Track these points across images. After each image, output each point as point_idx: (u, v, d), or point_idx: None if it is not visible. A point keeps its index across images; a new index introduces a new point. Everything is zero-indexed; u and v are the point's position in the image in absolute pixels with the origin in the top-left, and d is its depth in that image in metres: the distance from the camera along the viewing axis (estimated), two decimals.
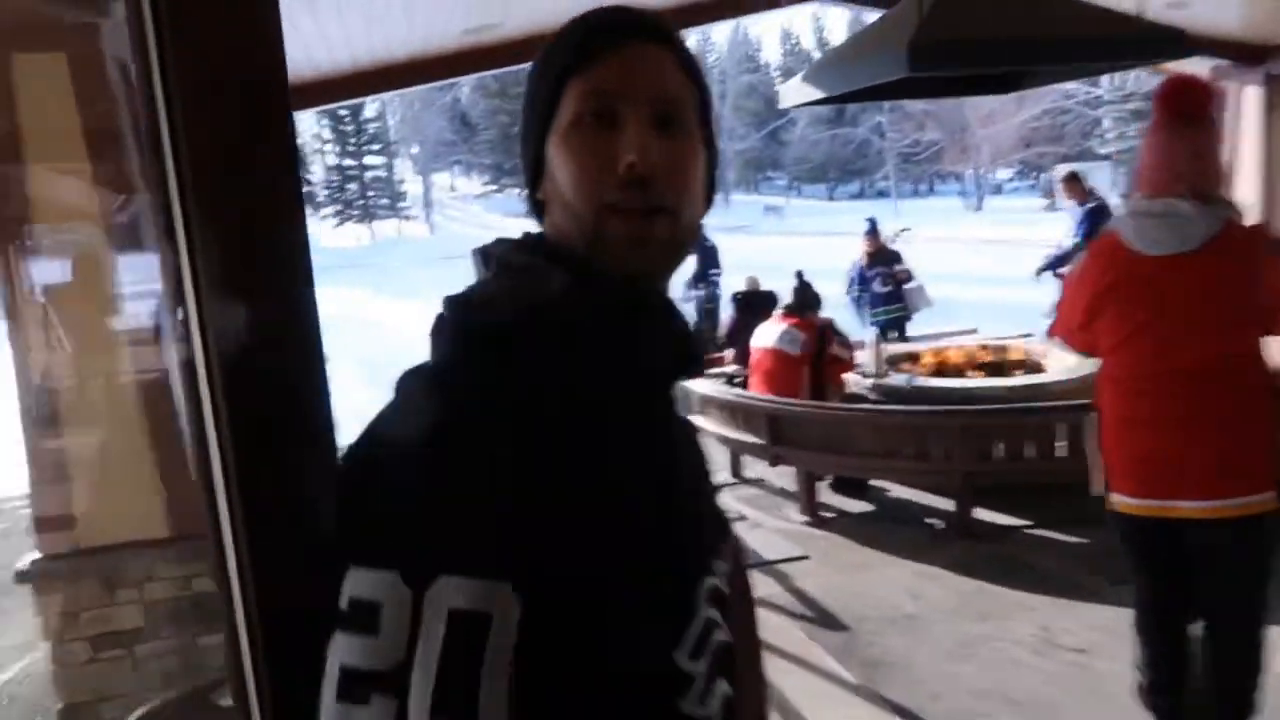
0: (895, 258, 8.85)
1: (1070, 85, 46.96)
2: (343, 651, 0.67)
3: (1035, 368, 6.13)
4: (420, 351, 0.84)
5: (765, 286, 8.11)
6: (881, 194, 60.19)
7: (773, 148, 62.45)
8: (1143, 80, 35.72)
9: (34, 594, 3.13)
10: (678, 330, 0.85)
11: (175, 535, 3.20)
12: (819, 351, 5.52)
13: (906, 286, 8.77)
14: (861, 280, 8.89)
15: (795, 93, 6.00)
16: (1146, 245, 2.36)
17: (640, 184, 0.79)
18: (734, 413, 5.61)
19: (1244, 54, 9.04)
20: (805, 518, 5.41)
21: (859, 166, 60.81)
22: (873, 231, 8.97)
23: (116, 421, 3.19)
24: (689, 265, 11.05)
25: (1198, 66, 9.90)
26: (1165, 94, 2.45)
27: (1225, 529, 2.35)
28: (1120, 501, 2.50)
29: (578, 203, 0.81)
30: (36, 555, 3.14)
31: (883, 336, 8.25)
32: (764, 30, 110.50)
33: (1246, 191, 9.38)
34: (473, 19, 6.19)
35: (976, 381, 5.72)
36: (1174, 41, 4.55)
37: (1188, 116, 2.39)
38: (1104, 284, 2.46)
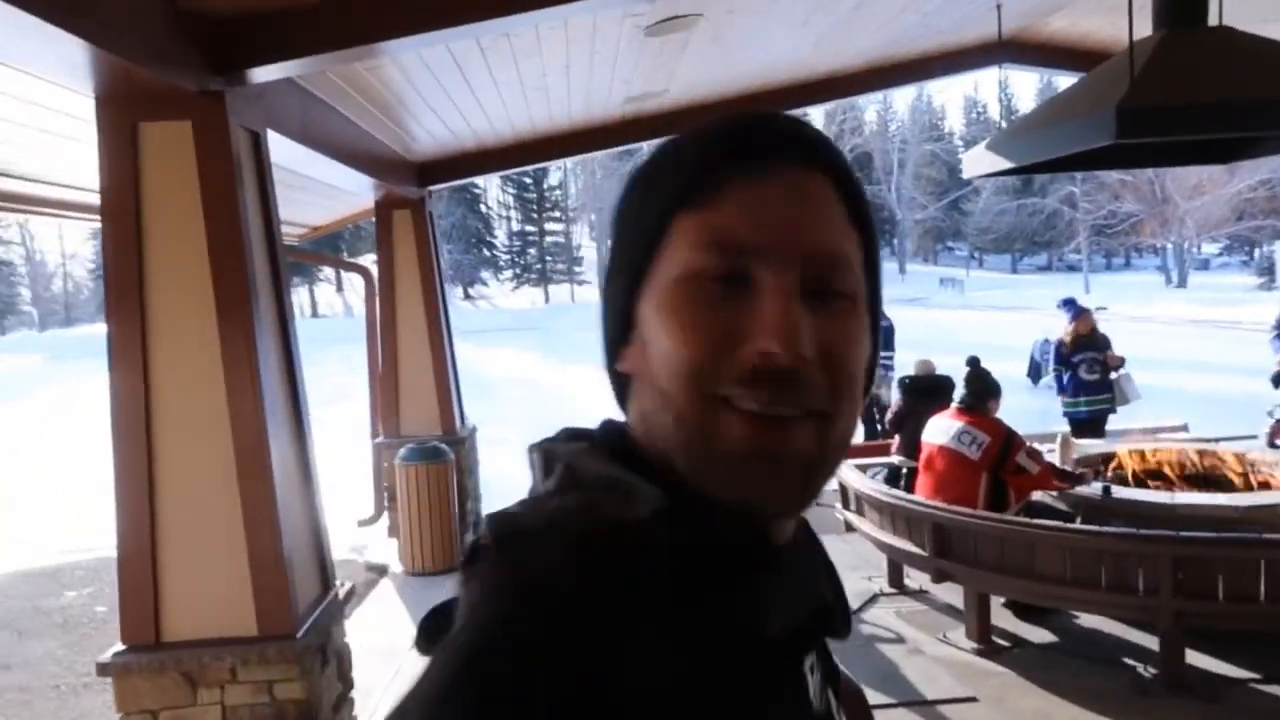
0: (1106, 342, 8.02)
1: None
2: None
3: (1264, 483, 5.19)
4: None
5: (940, 369, 7.42)
6: (1071, 268, 56.95)
7: (953, 217, 60.38)
8: None
9: (115, 688, 2.94)
10: (817, 584, 0.64)
11: (261, 635, 2.96)
12: (1002, 458, 4.82)
13: (1115, 375, 7.91)
14: (1061, 362, 8.11)
15: (981, 161, 5.50)
16: None
17: (779, 380, 0.56)
18: (895, 516, 4.99)
19: None
20: (974, 644, 4.69)
21: (1047, 238, 57.87)
22: (1081, 312, 8.20)
23: (215, 508, 3.00)
24: None
25: None
26: None
27: None
28: None
29: (678, 393, 0.58)
30: (120, 647, 2.96)
31: (1082, 431, 7.42)
32: (948, 98, 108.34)
33: None
34: (635, 87, 5.98)
35: (1191, 497, 4.86)
36: None
37: None
38: None
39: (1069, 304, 8.46)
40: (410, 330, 7.06)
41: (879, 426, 9.61)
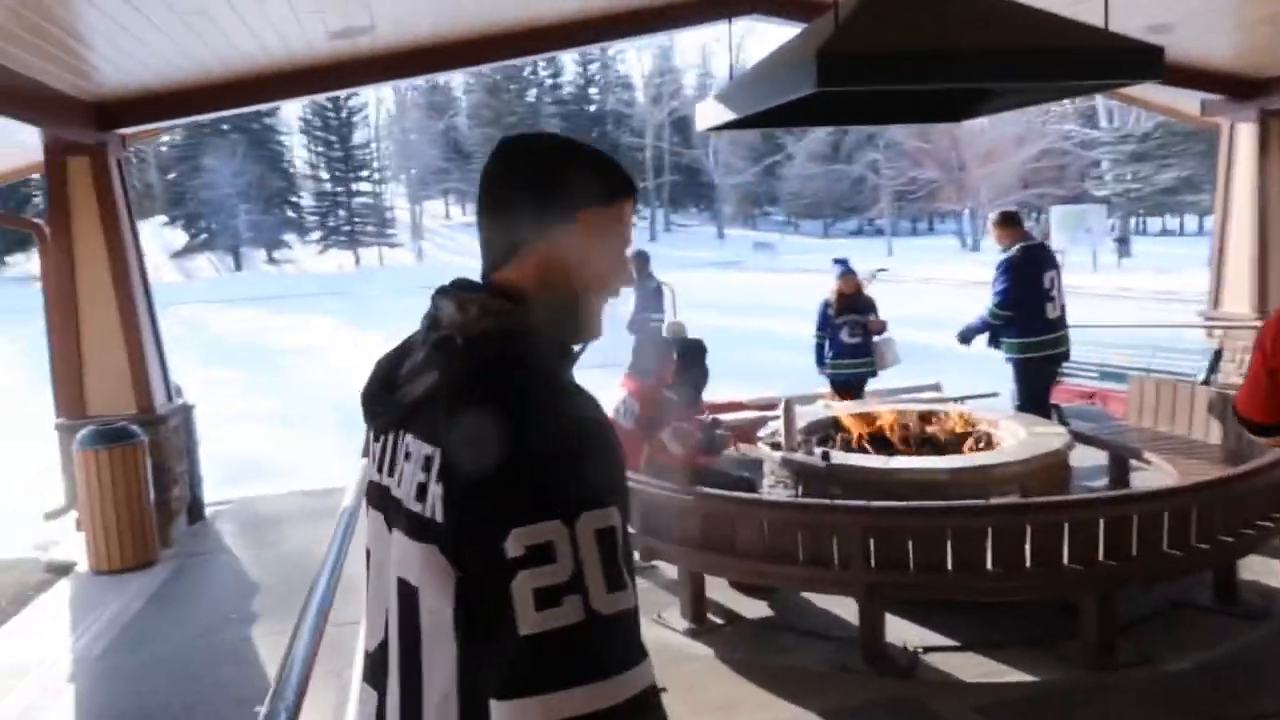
0: (869, 305, 7.82)
1: (1068, 126, 46.44)
2: (530, 581, 0.92)
3: (985, 440, 5.17)
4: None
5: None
6: (879, 232, 59.56)
7: (769, 183, 61.82)
8: (1143, 121, 35.11)
9: None
10: None
11: None
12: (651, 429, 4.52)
13: (877, 339, 7.73)
14: (825, 327, 7.86)
15: (711, 113, 5.20)
16: None
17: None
18: None
19: (1236, 88, 8.16)
20: (688, 624, 4.41)
21: (855, 204, 60.18)
22: (847, 272, 7.90)
23: None
24: (628, 307, 10.13)
25: (1186, 101, 9.03)
26: None
27: None
28: None
29: (611, 278, 1.19)
30: None
31: (842, 393, 7.35)
32: None
33: (1239, 235, 8.48)
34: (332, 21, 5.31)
35: (904, 461, 4.75)
36: (1146, 60, 3.70)
37: None
38: None
39: (841, 264, 8.21)
40: (94, 297, 6.15)
41: None
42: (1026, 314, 5.98)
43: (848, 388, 7.52)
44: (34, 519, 6.70)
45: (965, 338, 6.34)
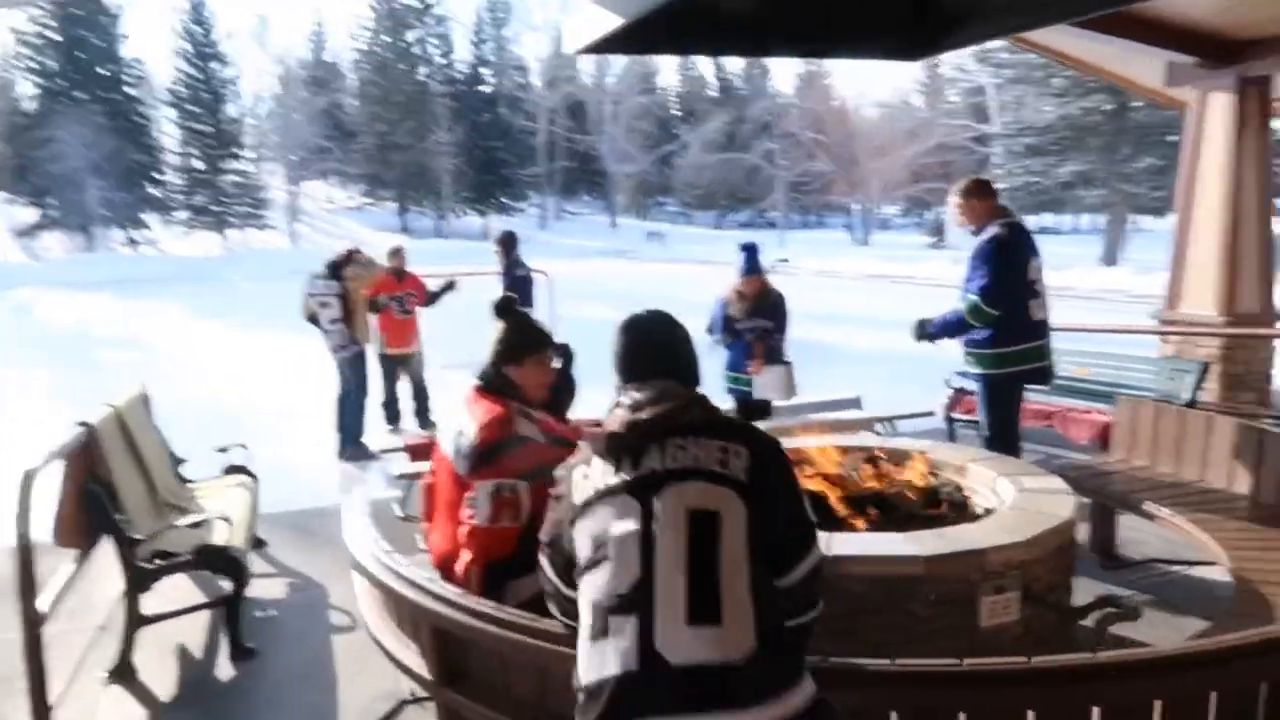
0: (777, 310, 6.28)
1: (962, 121, 46.56)
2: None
3: (957, 500, 3.67)
4: None
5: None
6: (771, 224, 59.05)
7: (664, 172, 60.48)
8: (1041, 114, 35.04)
9: None
10: None
11: None
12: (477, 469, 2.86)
13: (765, 371, 6.03)
14: (724, 330, 6.22)
15: (583, 29, 3.66)
16: None
17: None
18: (391, 600, 2.96)
19: (1212, 50, 6.96)
20: None
21: (749, 194, 59.43)
22: (753, 270, 6.08)
23: None
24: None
25: (1149, 72, 7.82)
26: None
27: None
28: None
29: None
30: None
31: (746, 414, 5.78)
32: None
33: (1206, 227, 7.32)
34: None
35: (857, 541, 3.20)
36: None
37: None
38: None
39: (747, 252, 6.28)
40: None
41: None
42: (1008, 314, 4.50)
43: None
44: None
45: (928, 335, 4.76)
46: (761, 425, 4.58)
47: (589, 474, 1.82)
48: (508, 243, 8.19)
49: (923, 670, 1.90)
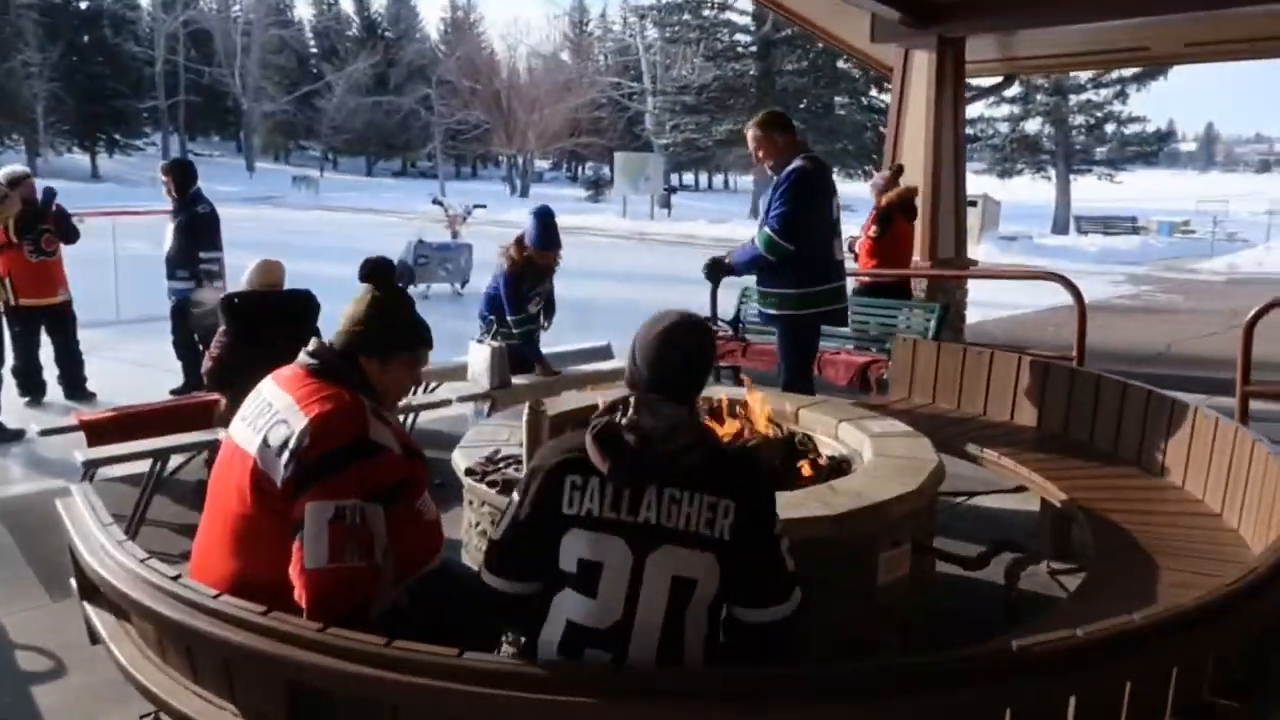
0: (548, 272, 5.54)
1: (614, 78, 47.85)
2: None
3: (813, 451, 3.41)
4: None
5: (296, 282, 4.59)
6: (424, 174, 57.14)
7: (306, 113, 55.88)
8: (698, 73, 36.73)
9: None
10: None
11: None
12: (304, 485, 2.10)
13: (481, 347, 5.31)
14: (507, 304, 5.33)
15: None
16: None
17: None
18: (169, 634, 2.11)
19: (915, 8, 7.34)
20: None
21: (403, 141, 56.92)
22: (548, 241, 5.32)
23: None
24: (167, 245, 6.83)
25: (857, 27, 8.12)
26: None
27: None
28: None
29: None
30: None
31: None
32: None
33: (912, 172, 7.78)
34: None
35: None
36: None
37: None
38: None
39: (539, 218, 5.35)
40: None
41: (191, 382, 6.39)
42: (811, 253, 4.28)
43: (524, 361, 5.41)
44: None
45: (720, 270, 4.41)
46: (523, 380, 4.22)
47: (579, 486, 1.83)
48: (183, 171, 6.74)
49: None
